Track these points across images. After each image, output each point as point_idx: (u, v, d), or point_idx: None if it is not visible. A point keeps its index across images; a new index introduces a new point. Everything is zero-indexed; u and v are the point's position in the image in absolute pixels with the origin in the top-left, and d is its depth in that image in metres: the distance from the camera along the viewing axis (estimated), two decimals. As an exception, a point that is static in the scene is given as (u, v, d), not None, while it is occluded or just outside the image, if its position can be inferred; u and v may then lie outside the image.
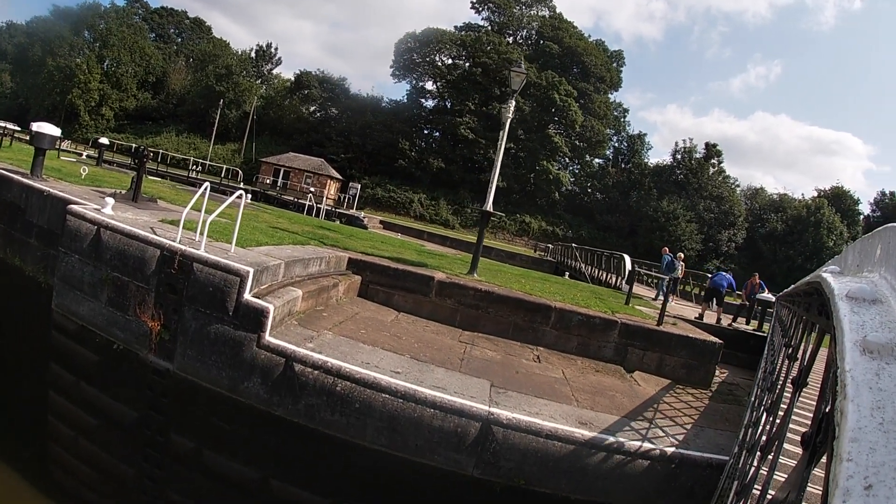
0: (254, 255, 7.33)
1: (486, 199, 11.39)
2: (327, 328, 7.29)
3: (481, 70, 59.04)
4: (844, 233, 54.82)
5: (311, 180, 47.15)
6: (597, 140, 64.74)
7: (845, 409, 1.16)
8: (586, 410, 6.83)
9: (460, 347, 8.46)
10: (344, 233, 16.49)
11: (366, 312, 9.08)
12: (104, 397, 6.90)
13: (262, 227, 11.59)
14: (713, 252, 54.66)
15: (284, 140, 61.66)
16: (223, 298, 6.07)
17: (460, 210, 61.25)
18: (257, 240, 8.92)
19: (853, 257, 3.26)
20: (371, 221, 40.99)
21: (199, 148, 58.42)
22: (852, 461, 1.00)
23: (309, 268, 8.79)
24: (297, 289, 7.48)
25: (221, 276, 6.14)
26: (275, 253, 8.11)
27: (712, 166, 59.94)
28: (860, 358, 1.36)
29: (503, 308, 9.95)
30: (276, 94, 69.29)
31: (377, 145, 60.15)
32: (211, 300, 6.13)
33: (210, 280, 6.16)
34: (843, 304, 1.83)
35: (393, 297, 10.17)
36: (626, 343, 10.03)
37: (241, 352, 5.94)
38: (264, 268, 6.73)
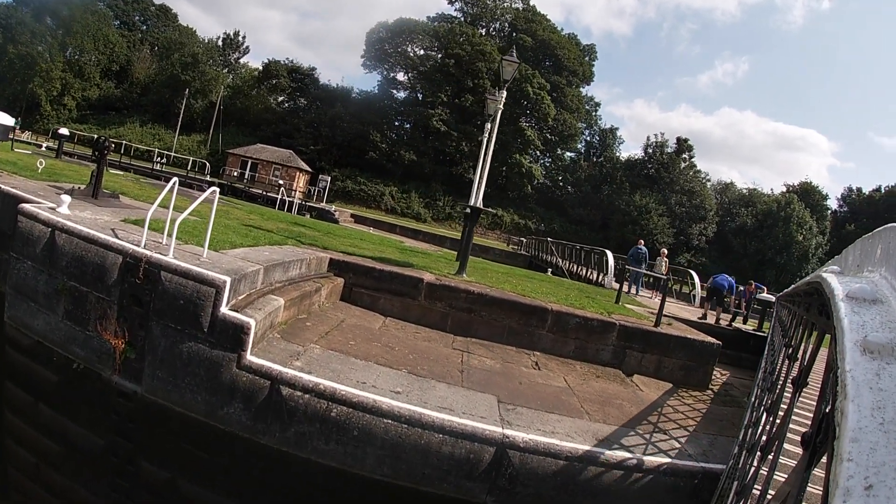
0: (229, 260, 6.56)
1: (476, 194, 10.82)
2: (313, 341, 6.60)
3: (454, 62, 58.23)
4: (814, 227, 56.44)
5: (280, 173, 45.57)
6: (569, 133, 64.90)
7: (846, 410, 1.14)
8: (600, 424, 6.40)
9: (456, 356, 7.89)
10: (321, 230, 15.66)
11: (351, 319, 8.41)
12: (66, 421, 6.08)
13: (235, 225, 10.72)
14: (684, 245, 55.64)
15: (252, 131, 59.57)
16: (196, 313, 5.32)
17: (432, 203, 60.57)
18: (231, 241, 8.12)
19: (853, 257, 3.19)
20: (342, 215, 39.98)
21: (164, 139, 56.01)
22: (853, 461, 0.98)
23: (289, 272, 8.04)
24: (279, 297, 6.75)
25: (194, 286, 5.38)
26: (252, 256, 7.34)
27: (683, 161, 60.87)
28: (860, 358, 1.33)
29: (497, 311, 9.42)
30: (244, 84, 66.95)
31: (347, 137, 58.76)
32: (182, 315, 5.36)
33: (181, 291, 5.39)
34: (843, 304, 1.79)
35: (378, 300, 9.51)
36: (624, 346, 9.67)
37: (218, 374, 5.21)
38: (242, 275, 5.98)
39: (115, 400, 5.73)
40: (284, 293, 7.12)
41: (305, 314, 7.81)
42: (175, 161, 43.75)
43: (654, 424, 7.07)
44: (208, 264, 5.94)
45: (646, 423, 7.01)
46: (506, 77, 10.29)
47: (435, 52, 61.93)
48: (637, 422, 6.97)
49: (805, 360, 4.06)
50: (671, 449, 6.22)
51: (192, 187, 30.11)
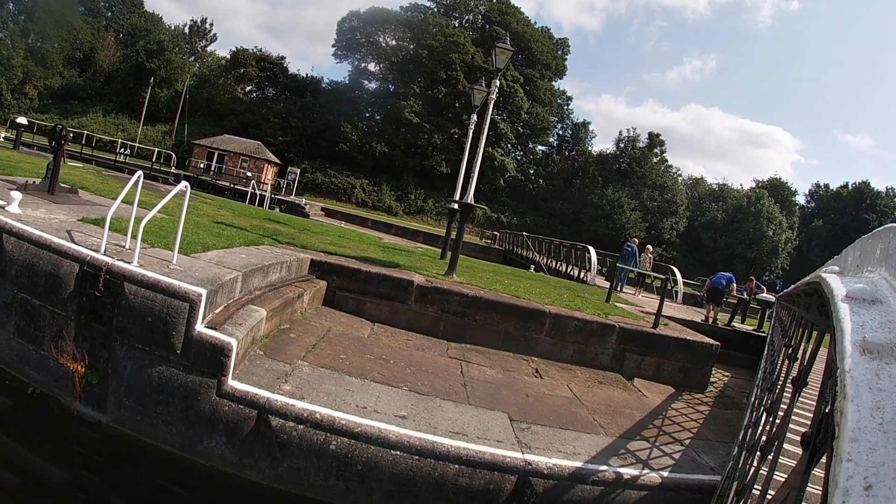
0: (202, 267, 5.77)
1: (467, 190, 10.21)
2: (301, 356, 5.89)
3: (427, 53, 57.16)
4: (783, 223, 57.95)
5: (248, 164, 43.98)
6: (541, 127, 64.83)
7: (845, 410, 1.12)
8: (617, 439, 5.98)
9: (455, 367, 7.31)
10: (296, 226, 14.79)
11: (338, 327, 7.71)
12: (24, 452, 5.22)
13: (206, 223, 9.83)
14: (656, 240, 56.28)
15: (218, 121, 57.26)
16: (167, 332, 4.56)
17: (404, 197, 59.63)
18: (203, 242, 7.29)
19: (853, 257, 3.14)
20: (312, 209, 38.83)
21: (128, 129, 53.33)
22: (852, 461, 0.96)
23: (269, 276, 7.28)
24: (260, 307, 6.01)
25: (163, 301, 4.61)
26: (227, 260, 6.55)
27: (655, 155, 61.55)
28: (860, 358, 1.30)
29: (493, 315, 8.87)
30: (211, 73, 64.32)
31: (317, 128, 57.11)
32: (150, 334, 4.59)
33: (147, 306, 4.62)
34: (842, 304, 1.77)
35: (365, 304, 8.83)
36: (623, 349, 9.29)
37: (196, 403, 4.47)
38: (218, 285, 5.23)
39: (77, 429, 4.93)
40: (265, 302, 6.38)
41: (288, 323, 7.08)
42: (139, 152, 41.73)
43: (669, 434, 6.79)
44: (179, 272, 5.17)
45: (661, 434, 6.70)
46: (499, 66, 9.69)
47: (407, 42, 60.70)
48: (651, 432, 6.65)
49: (805, 360, 4.04)
50: (693, 463, 5.86)
51: (158, 180, 28.48)
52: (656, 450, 6.00)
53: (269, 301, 6.48)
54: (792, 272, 56.41)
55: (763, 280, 51.42)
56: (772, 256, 55.76)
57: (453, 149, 62.04)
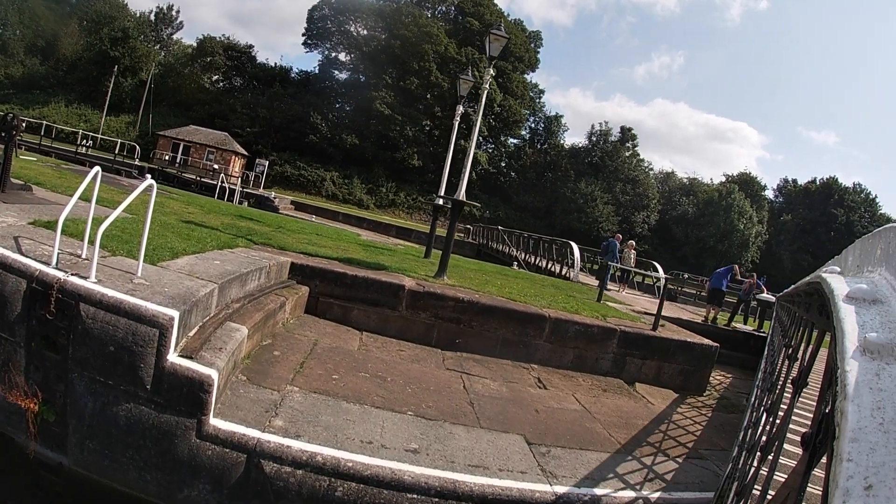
0: (172, 278, 4.98)
1: (459, 187, 9.59)
2: (289, 380, 5.19)
3: (400, 43, 55.95)
4: (754, 217, 59.16)
5: (215, 156, 42.16)
6: (514, 120, 64.47)
7: (845, 410, 1.11)
8: (639, 457, 5.53)
9: (456, 381, 6.71)
10: (270, 223, 13.88)
11: (325, 339, 7.01)
12: None
13: (173, 222, 8.91)
14: (628, 233, 56.90)
15: (184, 112, 54.85)
16: (133, 363, 3.80)
17: (375, 190, 58.51)
18: (172, 247, 6.46)
19: (853, 258, 3.09)
20: (282, 202, 37.52)
21: (91, 120, 50.47)
22: (852, 461, 0.96)
23: (247, 285, 6.51)
24: (240, 324, 5.26)
25: (127, 326, 3.84)
26: (200, 269, 5.75)
27: (627, 150, 62.04)
28: (860, 358, 1.29)
29: (490, 321, 8.31)
30: (177, 62, 61.52)
31: (286, 119, 55.31)
32: (113, 365, 3.83)
33: (109, 333, 3.84)
34: (843, 304, 1.74)
35: (351, 311, 8.13)
36: (624, 353, 8.90)
37: (173, 446, 3.74)
38: (193, 302, 4.46)
39: (36, 473, 4.13)
40: (246, 317, 5.63)
41: (270, 338, 6.34)
42: (103, 144, 39.59)
43: (684, 445, 6.45)
44: (145, 288, 4.38)
45: (677, 445, 6.37)
46: (493, 53, 9.08)
47: (379, 32, 59.27)
48: (668, 444, 6.36)
49: (805, 360, 3.99)
50: (717, 480, 5.47)
51: (121, 173, 26.74)
52: (679, 466, 5.63)
53: (250, 315, 5.74)
54: (762, 265, 57.92)
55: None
56: (742, 250, 56.99)
57: (425, 141, 61.20)
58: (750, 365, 11.20)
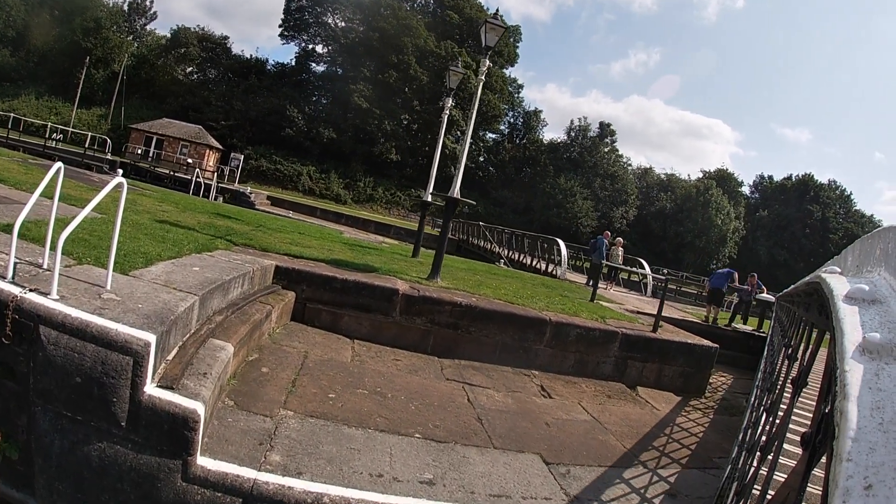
0: (147, 291, 4.38)
1: (454, 184, 9.11)
2: (281, 401, 4.64)
3: (378, 35, 54.85)
4: (731, 212, 59.76)
5: (188, 150, 40.67)
6: (493, 114, 63.97)
7: (845, 409, 1.09)
8: (655, 472, 5.21)
9: (459, 393, 6.25)
10: (249, 221, 13.17)
11: (315, 350, 6.46)
12: None
13: (146, 222, 8.20)
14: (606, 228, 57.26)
15: (158, 104, 52.87)
16: (105, 397, 3.22)
17: (352, 184, 57.40)
18: (146, 251, 5.80)
19: (853, 258, 3.06)
20: (258, 197, 36.50)
21: (62, 113, 48.27)
22: (852, 461, 0.95)
23: (230, 294, 5.91)
24: (225, 341, 4.68)
25: (96, 354, 3.25)
26: (178, 278, 5.13)
27: (606, 145, 62.15)
28: (860, 358, 1.28)
29: (489, 326, 7.86)
30: (150, 53, 59.17)
31: (262, 112, 53.75)
32: (82, 399, 3.24)
33: (75, 361, 3.25)
34: (842, 304, 1.71)
35: (341, 318, 7.57)
36: (626, 356, 8.57)
37: (155, 491, 3.16)
38: (171, 321, 3.88)
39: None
40: (230, 331, 5.05)
41: (257, 352, 5.77)
42: (74, 137, 37.80)
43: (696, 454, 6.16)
44: (116, 305, 3.79)
45: (692, 456, 6.08)
46: (489, 43, 8.60)
47: (357, 24, 58.00)
48: (682, 454, 6.06)
49: (805, 360, 3.95)
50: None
51: (91, 168, 25.40)
52: (699, 477, 5.37)
53: (235, 329, 5.15)
54: (739, 260, 58.81)
55: (710, 268, 53.41)
56: (720, 245, 57.70)
57: (404, 135, 60.35)
58: (748, 364, 11.06)
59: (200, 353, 4.13)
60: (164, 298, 4.26)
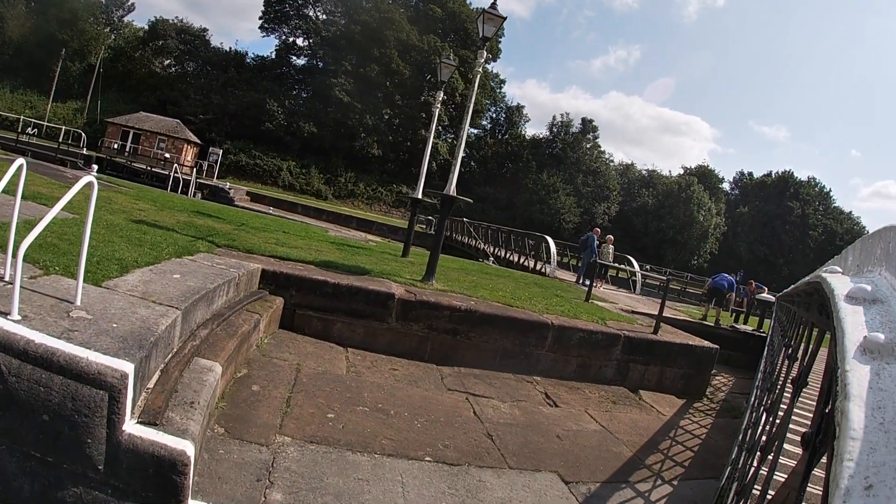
0: (122, 306, 3.87)
1: (449, 181, 8.71)
2: (276, 426, 4.19)
3: (360, 28, 53.88)
4: (712, 208, 60.18)
5: (166, 145, 39.42)
6: (475, 109, 63.54)
7: (846, 409, 1.08)
8: (670, 484, 4.95)
9: (463, 405, 5.87)
10: (231, 220, 12.55)
11: (308, 362, 6.00)
12: None
13: (121, 222, 7.60)
14: (589, 224, 57.23)
15: (134, 98, 51.15)
16: (77, 437, 2.73)
17: (333, 180, 56.47)
18: (120, 256, 5.26)
19: (853, 257, 3.05)
20: (237, 193, 35.62)
21: (37, 107, 46.51)
22: (853, 461, 0.94)
23: (214, 303, 5.41)
24: (212, 360, 4.21)
25: (64, 387, 2.77)
26: (157, 288, 4.61)
27: (588, 141, 62.14)
28: (861, 358, 1.27)
29: (490, 331, 7.49)
30: (127, 45, 57.28)
31: (241, 105, 52.44)
32: (51, 438, 2.75)
33: (41, 396, 2.76)
34: (843, 303, 1.69)
35: (333, 325, 7.10)
36: (628, 359, 8.30)
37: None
38: (151, 343, 3.39)
39: None
40: (216, 347, 4.56)
41: (245, 367, 5.30)
42: (48, 132, 36.54)
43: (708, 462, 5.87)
44: (88, 325, 3.29)
45: (709, 466, 5.82)
46: (486, 34, 8.19)
47: (339, 17, 56.89)
48: (696, 462, 5.85)
49: (805, 360, 3.93)
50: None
51: (65, 164, 24.21)
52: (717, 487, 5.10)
53: (221, 344, 4.67)
54: (720, 256, 59.41)
55: (691, 264, 53.94)
56: (701, 241, 58.17)
57: (385, 130, 59.54)
58: (747, 364, 10.93)
59: (185, 377, 3.65)
60: (143, 315, 3.77)
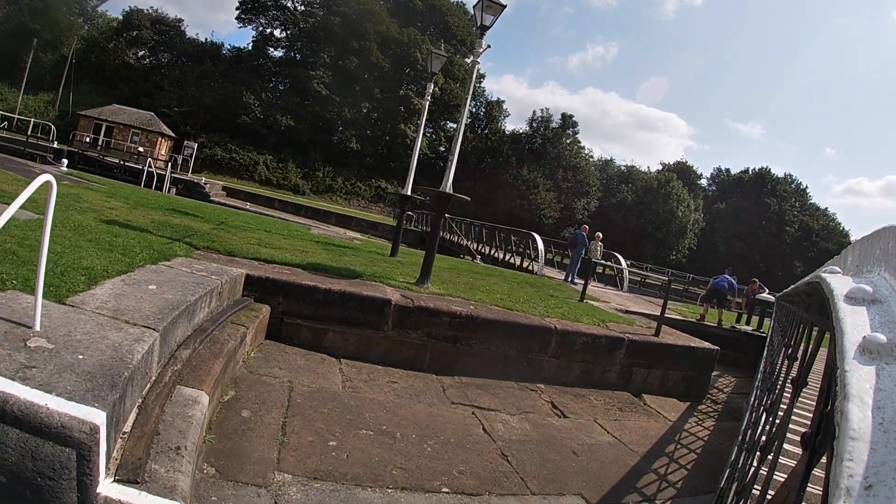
0: (90, 330, 3.26)
1: (445, 178, 8.21)
2: (274, 461, 3.64)
3: (339, 20, 52.62)
4: (691, 204, 60.53)
5: (140, 138, 37.88)
6: (454, 104, 62.82)
7: (845, 410, 1.06)
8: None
9: (471, 420, 5.41)
10: (209, 218, 11.76)
11: (300, 379, 5.44)
12: None
13: (91, 223, 6.87)
14: (568, 220, 57.14)
15: (108, 90, 49.15)
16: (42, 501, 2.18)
17: (311, 174, 55.26)
18: (88, 265, 4.61)
19: (853, 257, 2.97)
20: (213, 188, 34.38)
21: (8, 99, 44.52)
22: (853, 461, 0.93)
23: (196, 316, 4.81)
24: (196, 388, 3.64)
25: (21, 443, 2.19)
26: (130, 303, 3.98)
27: (567, 136, 62.04)
28: (861, 358, 1.25)
29: (492, 338, 7.04)
30: (101, 36, 54.96)
31: (217, 98, 50.79)
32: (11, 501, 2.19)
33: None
34: (842, 303, 1.66)
35: (325, 335, 6.53)
36: (631, 363, 7.97)
37: None
38: (126, 378, 2.81)
39: None
40: (200, 370, 3.99)
41: (233, 388, 4.72)
42: (18, 125, 34.70)
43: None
44: (49, 358, 2.70)
45: (729, 482, 5.45)
46: (485, 23, 7.73)
47: (317, 8, 55.46)
48: (711, 470, 5.49)
49: (804, 360, 3.93)
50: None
51: (35, 158, 22.84)
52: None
53: (206, 366, 4.09)
54: (699, 252, 59.94)
55: (670, 259, 54.25)
56: (680, 237, 58.62)
57: (364, 124, 58.51)
58: (746, 364, 10.76)
59: (168, 414, 3.09)
60: (114, 340, 3.18)
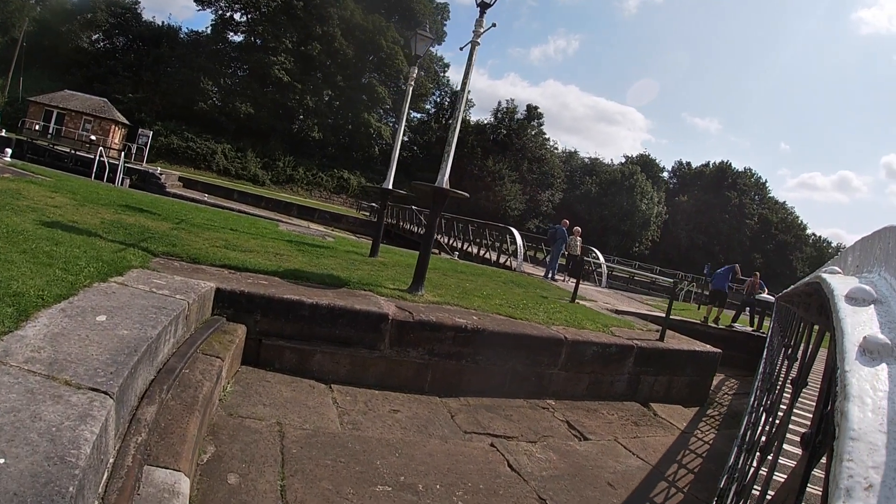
0: (14, 401, 2.21)
1: (442, 172, 7.30)
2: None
3: (302, 4, 50.09)
4: (654, 197, 61.24)
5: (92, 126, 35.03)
6: (419, 93, 61.58)
7: (845, 410, 1.03)
8: None
9: (495, 457, 4.60)
10: (168, 215, 10.34)
11: (290, 418, 4.46)
12: None
13: (29, 227, 5.56)
14: (533, 211, 56.93)
15: (60, 75, 45.53)
16: None
17: (271, 164, 52.93)
18: (18, 289, 3.44)
19: (853, 257, 2.83)
20: (169, 179, 32.25)
21: None
22: (853, 461, 0.90)
23: (160, 353, 3.75)
24: (171, 467, 2.68)
25: None
26: (73, 348, 2.88)
27: (532, 128, 61.60)
28: (861, 358, 1.20)
29: (499, 351, 6.24)
30: (54, 18, 50.46)
31: (173, 84, 47.73)
32: None
33: None
34: (842, 303, 1.59)
35: (312, 357, 5.52)
36: (639, 371, 7.41)
37: None
38: (73, 495, 1.84)
39: None
40: (172, 435, 2.99)
41: (211, 440, 3.72)
42: None
43: None
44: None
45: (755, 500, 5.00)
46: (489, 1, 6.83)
47: (280, -9, 52.65)
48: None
49: (804, 360, 3.88)
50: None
51: None
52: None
53: (178, 428, 3.08)
54: (661, 244, 60.87)
55: (633, 251, 54.75)
56: (643, 229, 59.35)
57: (326, 112, 56.38)
58: (745, 364, 10.43)
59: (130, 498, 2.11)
60: (50, 421, 2.14)
